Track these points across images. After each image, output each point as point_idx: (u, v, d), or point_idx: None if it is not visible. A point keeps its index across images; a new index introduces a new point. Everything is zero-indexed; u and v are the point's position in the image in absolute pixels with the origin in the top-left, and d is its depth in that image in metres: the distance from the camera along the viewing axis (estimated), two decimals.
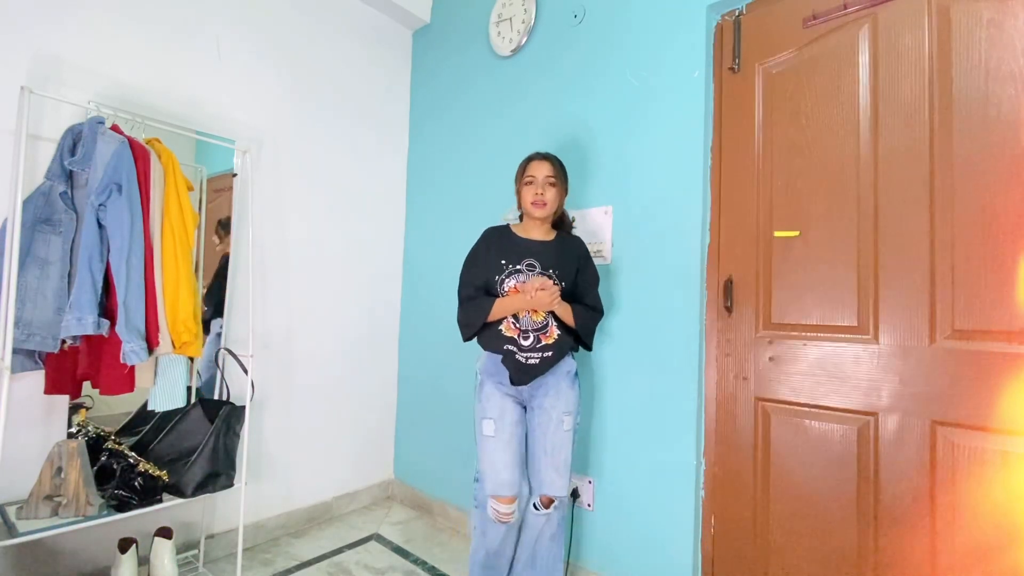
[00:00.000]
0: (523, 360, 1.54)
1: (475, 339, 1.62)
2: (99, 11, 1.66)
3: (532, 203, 1.58)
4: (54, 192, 1.45)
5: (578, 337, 1.62)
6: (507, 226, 1.69)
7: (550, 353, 1.55)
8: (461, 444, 2.22)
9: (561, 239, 1.65)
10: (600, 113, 1.88)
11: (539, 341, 1.54)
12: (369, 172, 2.50)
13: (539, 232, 1.64)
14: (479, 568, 1.61)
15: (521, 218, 1.70)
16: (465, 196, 2.35)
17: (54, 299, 1.42)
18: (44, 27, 1.56)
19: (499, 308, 1.54)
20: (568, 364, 1.61)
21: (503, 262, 1.59)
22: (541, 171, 1.59)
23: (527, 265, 1.58)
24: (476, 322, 1.57)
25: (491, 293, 1.58)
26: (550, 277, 1.55)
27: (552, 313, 1.55)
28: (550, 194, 1.58)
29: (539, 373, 1.55)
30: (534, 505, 1.59)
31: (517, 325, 1.55)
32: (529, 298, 1.49)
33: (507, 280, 1.57)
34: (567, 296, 1.59)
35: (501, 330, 1.56)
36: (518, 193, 1.65)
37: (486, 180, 2.26)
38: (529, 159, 1.64)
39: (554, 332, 1.55)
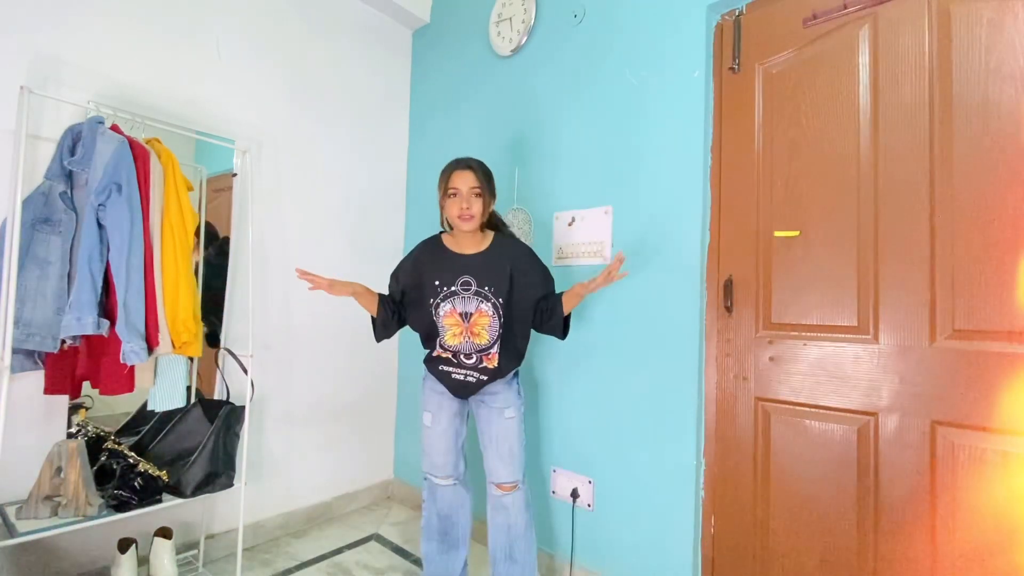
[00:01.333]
0: (461, 378, 1.60)
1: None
2: (99, 11, 1.66)
3: (459, 217, 1.51)
4: (54, 192, 1.45)
5: (520, 355, 1.64)
6: (439, 238, 1.63)
7: (486, 377, 1.58)
8: None
9: (497, 245, 1.60)
10: (600, 113, 1.88)
11: (481, 362, 1.58)
12: (369, 172, 2.50)
13: (472, 243, 1.58)
14: (435, 533, 1.66)
15: (448, 225, 1.63)
16: None
17: (54, 299, 1.42)
18: (44, 27, 1.56)
19: (369, 307, 1.63)
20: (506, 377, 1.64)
21: (437, 283, 1.55)
22: (465, 183, 1.51)
23: (462, 284, 1.54)
24: (377, 334, 1.67)
25: (415, 308, 1.62)
26: (487, 297, 1.53)
27: (500, 338, 1.56)
28: (476, 206, 1.51)
29: (475, 390, 1.61)
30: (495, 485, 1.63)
31: (449, 351, 1.59)
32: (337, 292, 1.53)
33: (443, 304, 1.55)
34: (516, 307, 1.58)
35: (438, 355, 1.63)
36: (441, 205, 1.58)
37: None
38: (451, 169, 1.55)
39: (495, 358, 1.57)
